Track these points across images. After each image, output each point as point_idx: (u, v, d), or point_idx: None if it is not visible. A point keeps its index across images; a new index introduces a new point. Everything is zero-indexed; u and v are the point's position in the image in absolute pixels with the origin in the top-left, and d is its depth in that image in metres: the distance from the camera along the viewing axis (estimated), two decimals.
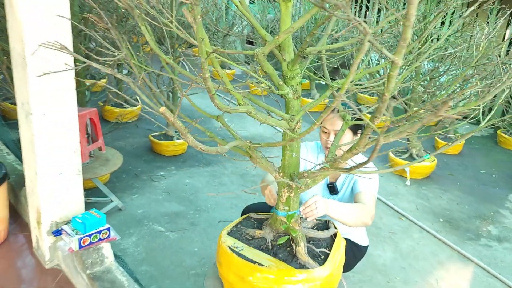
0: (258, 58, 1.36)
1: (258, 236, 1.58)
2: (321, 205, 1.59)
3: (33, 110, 1.95)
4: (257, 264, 1.41)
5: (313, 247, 1.56)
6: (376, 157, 4.45)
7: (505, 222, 3.45)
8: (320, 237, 1.65)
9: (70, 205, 2.20)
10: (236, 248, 1.49)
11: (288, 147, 1.50)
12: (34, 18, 1.83)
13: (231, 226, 1.64)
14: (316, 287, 1.41)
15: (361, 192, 1.88)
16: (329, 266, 1.45)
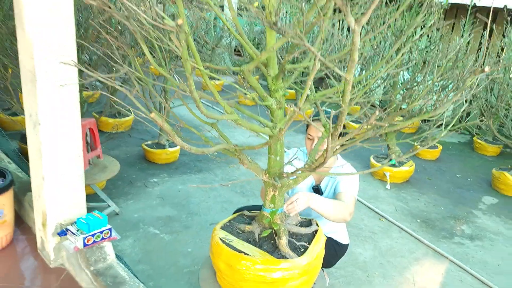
0: (244, 74, 1.59)
1: (247, 230, 1.79)
2: (302, 200, 1.79)
3: (41, 121, 2.14)
4: (243, 254, 1.61)
5: (295, 241, 1.77)
6: (357, 160, 4.70)
7: (478, 222, 3.70)
8: (302, 232, 1.85)
9: (73, 208, 2.38)
10: (227, 240, 1.70)
11: (273, 152, 1.71)
12: (43, 37, 2.02)
13: (225, 221, 1.85)
14: (295, 275, 1.61)
15: (341, 192, 2.10)
16: (307, 257, 1.66)
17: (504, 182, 4.28)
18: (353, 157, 4.83)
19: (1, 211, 2.44)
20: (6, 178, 2.50)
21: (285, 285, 1.61)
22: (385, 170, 4.23)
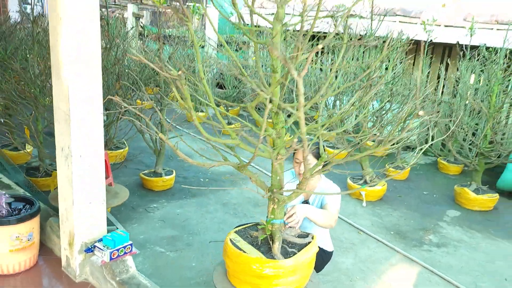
0: (248, 110, 2.05)
1: (254, 235, 2.21)
2: (300, 211, 2.24)
3: (72, 154, 2.53)
4: (242, 252, 2.03)
5: (287, 247, 2.18)
6: (334, 179, 5.18)
7: (443, 232, 4.21)
8: (296, 242, 2.27)
9: (96, 229, 2.75)
10: (235, 241, 2.12)
11: (274, 172, 2.16)
12: (76, 85, 2.45)
13: (241, 227, 2.26)
14: (279, 273, 2.01)
15: (327, 203, 2.56)
16: (292, 261, 2.04)
17: (464, 197, 4.84)
18: (331, 178, 5.31)
19: (31, 234, 2.78)
20: (34, 205, 2.85)
21: (273, 280, 2.01)
22: (361, 190, 4.73)
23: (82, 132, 2.54)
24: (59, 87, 2.51)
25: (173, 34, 9.44)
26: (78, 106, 2.49)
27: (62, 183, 2.67)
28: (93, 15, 2.43)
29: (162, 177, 4.63)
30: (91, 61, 2.49)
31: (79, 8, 2.35)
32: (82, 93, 2.48)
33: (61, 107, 2.53)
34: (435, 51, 6.86)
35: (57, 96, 2.54)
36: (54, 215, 3.13)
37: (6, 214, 2.70)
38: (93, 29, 2.45)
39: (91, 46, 2.46)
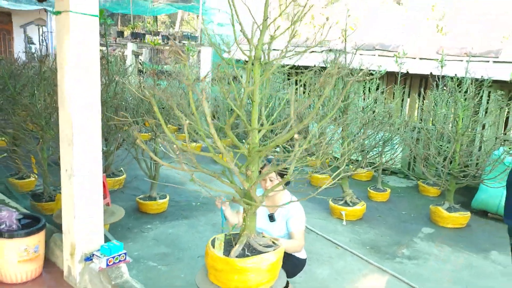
0: (225, 130, 2.46)
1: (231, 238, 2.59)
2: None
3: (75, 174, 2.94)
4: (212, 249, 2.40)
5: (246, 251, 2.52)
6: (319, 204, 5.55)
7: (416, 247, 4.55)
8: (258, 249, 2.60)
9: (94, 241, 3.11)
10: (213, 242, 2.49)
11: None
12: (79, 115, 2.88)
13: (232, 232, 2.61)
14: (227, 269, 2.33)
15: (293, 231, 2.92)
16: (240, 262, 2.36)
17: (439, 215, 5.19)
18: (313, 199, 5.70)
19: (37, 246, 3.15)
20: (41, 222, 3.23)
21: (227, 274, 2.34)
22: (342, 209, 5.09)
23: (83, 155, 2.96)
24: (64, 117, 2.94)
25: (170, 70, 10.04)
26: (81, 132, 2.91)
27: (66, 200, 3.06)
28: (94, 60, 2.90)
29: (156, 200, 5.01)
30: (91, 96, 2.93)
31: (82, 54, 2.82)
32: (83, 120, 2.92)
33: (66, 134, 2.95)
34: (413, 82, 7.37)
35: (63, 125, 2.97)
36: (57, 232, 3.50)
37: (16, 229, 3.08)
38: (94, 71, 2.91)
39: (92, 84, 2.91)
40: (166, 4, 11.10)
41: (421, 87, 7.23)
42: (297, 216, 2.98)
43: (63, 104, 2.91)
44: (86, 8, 2.84)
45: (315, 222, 5.01)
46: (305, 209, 5.04)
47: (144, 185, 5.93)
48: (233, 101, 2.54)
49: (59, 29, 2.89)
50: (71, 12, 2.77)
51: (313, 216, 5.21)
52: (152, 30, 12.15)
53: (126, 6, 11.54)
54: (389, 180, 7.12)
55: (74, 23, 2.79)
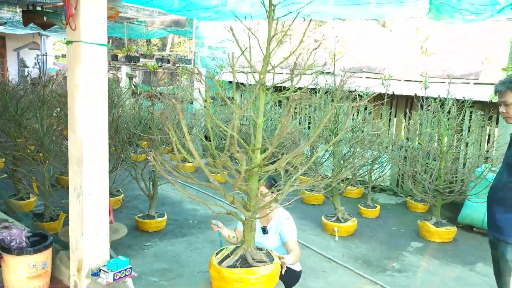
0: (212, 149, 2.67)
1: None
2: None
3: (83, 192, 3.11)
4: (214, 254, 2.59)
5: (238, 263, 2.70)
6: (312, 221, 5.74)
7: (406, 260, 4.75)
8: (251, 263, 2.77)
9: (100, 256, 3.26)
10: (218, 250, 2.68)
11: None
12: (88, 138, 3.08)
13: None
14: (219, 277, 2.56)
15: (288, 240, 3.13)
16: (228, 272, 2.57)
17: (426, 230, 5.41)
18: (307, 217, 5.92)
19: (45, 263, 3.29)
20: (48, 239, 3.38)
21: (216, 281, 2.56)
22: (334, 225, 5.30)
23: (91, 176, 3.14)
24: (74, 139, 3.13)
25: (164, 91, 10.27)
26: (89, 154, 3.10)
27: (73, 217, 3.22)
28: (103, 87, 3.12)
29: (155, 219, 5.16)
30: (99, 119, 3.14)
31: (91, 83, 3.04)
32: (92, 144, 3.11)
33: (75, 155, 3.14)
34: (399, 102, 7.70)
35: (72, 146, 3.16)
36: (63, 250, 3.64)
37: (25, 246, 3.22)
38: (102, 96, 3.13)
39: (100, 108, 3.13)
40: (159, 28, 11.41)
41: (407, 108, 7.54)
42: (289, 227, 3.19)
43: (74, 128, 3.11)
44: (96, 38, 3.07)
45: (309, 238, 5.20)
46: (299, 226, 5.27)
47: (142, 205, 6.08)
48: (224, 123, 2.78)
49: (70, 58, 3.11)
50: (82, 42, 3.00)
51: (307, 233, 5.40)
52: (148, 53, 12.41)
53: (121, 30, 11.83)
54: (379, 197, 7.35)
55: (85, 52, 3.02)
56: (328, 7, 5.84)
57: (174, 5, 6.96)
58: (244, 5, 5.98)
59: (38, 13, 4.68)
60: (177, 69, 11.33)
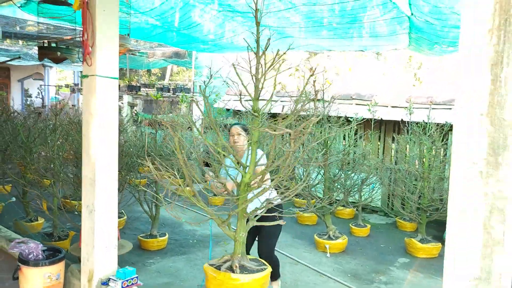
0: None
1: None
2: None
3: (96, 209, 3.48)
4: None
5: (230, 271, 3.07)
6: (305, 240, 6.06)
7: (392, 274, 5.07)
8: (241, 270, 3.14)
9: (109, 267, 3.60)
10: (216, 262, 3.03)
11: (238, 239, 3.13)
12: (100, 159, 3.47)
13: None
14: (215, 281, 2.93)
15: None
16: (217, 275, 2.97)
17: (413, 247, 5.74)
18: (301, 236, 6.25)
19: (58, 274, 3.62)
20: (61, 252, 3.72)
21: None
22: (326, 243, 5.62)
23: (102, 193, 3.52)
24: (87, 161, 3.52)
25: (164, 119, 10.72)
26: (101, 174, 3.49)
27: (85, 232, 3.57)
28: (114, 113, 3.54)
29: (157, 238, 5.49)
30: (110, 143, 3.54)
31: (105, 109, 3.46)
32: (104, 165, 3.50)
33: (88, 175, 3.52)
34: (387, 127, 8.14)
35: (85, 167, 3.55)
36: (74, 263, 3.97)
37: (41, 258, 3.56)
38: (114, 123, 3.54)
39: (111, 133, 3.53)
40: (160, 59, 11.98)
41: (394, 132, 7.98)
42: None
43: (88, 152, 3.50)
44: (109, 72, 3.51)
45: (302, 255, 5.52)
46: (293, 243, 5.68)
47: (143, 226, 6.40)
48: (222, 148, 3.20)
49: (86, 89, 3.54)
50: (97, 76, 3.44)
51: (300, 250, 5.72)
52: (150, 83, 12.93)
53: (123, 61, 12.39)
54: (370, 218, 7.68)
55: (99, 85, 3.45)
56: (317, 40, 6.35)
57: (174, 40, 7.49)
58: (239, 38, 6.49)
59: (52, 49, 5.14)
60: (177, 97, 11.82)
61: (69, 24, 5.15)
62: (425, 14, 4.44)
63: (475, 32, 1.52)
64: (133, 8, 5.48)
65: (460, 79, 1.58)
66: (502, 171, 1.50)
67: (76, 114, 7.83)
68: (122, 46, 4.26)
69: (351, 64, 14.19)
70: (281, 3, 4.94)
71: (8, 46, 11.46)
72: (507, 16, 1.46)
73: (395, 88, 8.55)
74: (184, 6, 5.50)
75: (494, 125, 1.51)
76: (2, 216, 6.31)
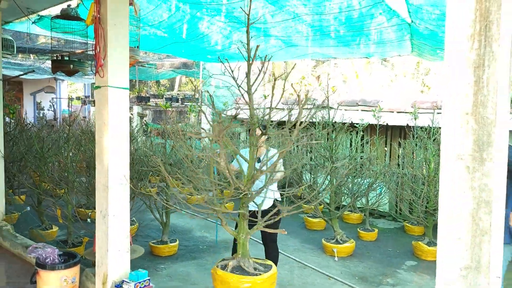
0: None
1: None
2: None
3: (109, 214, 3.62)
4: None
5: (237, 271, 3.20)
6: (313, 244, 6.15)
7: (399, 276, 5.13)
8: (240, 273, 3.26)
9: (122, 270, 3.73)
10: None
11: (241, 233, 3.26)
12: (114, 168, 3.62)
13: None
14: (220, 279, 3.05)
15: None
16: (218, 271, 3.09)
17: (420, 250, 5.80)
18: (309, 241, 6.34)
19: (74, 278, 3.76)
20: (77, 257, 3.86)
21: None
22: (333, 246, 5.71)
23: (115, 199, 3.66)
24: (101, 168, 3.68)
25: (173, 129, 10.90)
26: (113, 180, 3.64)
27: (99, 236, 3.72)
28: (126, 122, 3.70)
29: (167, 244, 5.62)
30: (122, 151, 3.70)
31: (117, 118, 3.62)
32: (116, 172, 3.66)
33: (101, 181, 3.68)
34: (393, 132, 8.22)
35: (99, 174, 3.71)
36: (88, 268, 4.11)
37: (57, 262, 3.71)
38: (125, 131, 3.70)
39: (123, 141, 3.69)
40: (169, 70, 12.21)
41: (400, 137, 8.06)
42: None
43: (101, 159, 3.66)
44: (120, 82, 3.68)
45: (310, 259, 5.60)
46: (301, 248, 5.79)
47: (154, 233, 6.54)
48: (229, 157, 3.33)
49: (98, 100, 3.71)
50: (109, 86, 3.61)
51: (308, 254, 5.81)
52: (159, 93, 13.18)
53: (132, 72, 12.66)
54: (378, 223, 7.74)
55: (111, 95, 3.62)
56: (321, 49, 6.50)
57: (182, 51, 7.69)
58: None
59: (65, 62, 5.35)
60: (186, 107, 12.02)
61: (80, 38, 5.37)
62: (425, 21, 4.57)
63: (458, 38, 1.65)
64: (142, 21, 5.69)
65: (446, 81, 1.70)
66: (487, 166, 1.61)
67: (87, 125, 8.04)
68: (132, 58, 4.44)
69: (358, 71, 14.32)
70: (287, 14, 5.10)
71: (21, 61, 11.80)
72: (486, 22, 1.59)
73: (402, 94, 8.64)
74: (192, 18, 5.69)
75: (478, 123, 1.62)
76: (18, 224, 6.49)
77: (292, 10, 5.07)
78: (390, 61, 20.45)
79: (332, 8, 4.87)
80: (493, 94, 1.59)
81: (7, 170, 6.09)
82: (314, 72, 20.95)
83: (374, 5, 4.58)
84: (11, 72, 12.36)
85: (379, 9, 4.73)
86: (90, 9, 3.61)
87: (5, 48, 6.15)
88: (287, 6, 4.92)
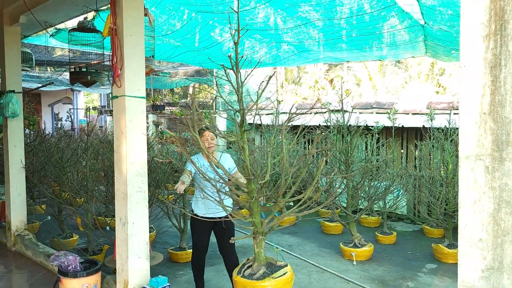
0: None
1: None
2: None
3: (128, 222, 3.68)
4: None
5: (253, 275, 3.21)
6: (330, 249, 6.12)
7: (419, 280, 5.07)
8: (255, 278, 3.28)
9: (142, 277, 3.77)
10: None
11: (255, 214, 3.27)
12: (132, 175, 3.68)
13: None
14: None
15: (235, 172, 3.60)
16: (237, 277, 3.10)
17: (440, 252, 5.72)
18: (326, 245, 6.31)
19: (95, 285, 3.82)
20: (98, 264, 3.92)
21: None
22: (351, 250, 5.67)
23: (134, 206, 3.72)
24: (119, 177, 3.74)
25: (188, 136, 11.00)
26: (133, 189, 3.70)
27: (119, 243, 3.77)
28: (143, 130, 3.76)
29: (186, 250, 5.66)
30: (140, 159, 3.76)
31: (134, 126, 3.69)
32: (135, 180, 3.71)
33: (121, 190, 3.74)
34: (409, 134, 8.16)
35: (118, 182, 3.77)
36: (109, 275, 4.17)
37: (79, 270, 3.77)
38: (143, 139, 3.76)
39: (141, 149, 3.75)
40: (182, 78, 12.34)
41: (416, 139, 7.99)
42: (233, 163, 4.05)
43: (120, 168, 3.73)
44: (137, 91, 3.75)
45: (328, 263, 5.58)
46: (319, 252, 5.78)
47: (172, 240, 6.59)
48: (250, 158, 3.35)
49: (116, 109, 3.78)
50: (126, 96, 3.68)
51: (326, 259, 5.78)
52: (173, 101, 13.32)
53: (147, 81, 12.83)
54: (397, 226, 7.66)
55: (128, 104, 3.69)
56: (334, 53, 6.50)
57: (195, 59, 7.78)
58: (258, 56, 6.71)
59: (83, 73, 5.46)
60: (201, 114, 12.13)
61: (97, 49, 5.49)
62: (438, 22, 4.54)
63: (473, 38, 1.65)
64: (156, 31, 5.77)
65: (463, 82, 1.70)
66: (506, 166, 1.60)
67: (105, 134, 8.17)
68: (147, 67, 4.51)
69: (371, 74, 14.23)
70: (299, 20, 5.13)
71: (39, 73, 12.07)
72: (502, 22, 1.59)
73: (417, 95, 8.57)
74: (204, 27, 5.76)
75: (497, 122, 1.62)
76: (39, 234, 6.62)
77: (304, 16, 5.10)
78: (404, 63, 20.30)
79: (343, 13, 4.89)
80: (511, 93, 1.58)
81: (28, 180, 6.22)
82: (327, 75, 20.93)
83: (386, 7, 4.58)
84: (29, 85, 12.66)
85: (392, 11, 4.72)
86: (106, 21, 3.70)
87: (24, 62, 6.31)
88: (299, 12, 4.95)
